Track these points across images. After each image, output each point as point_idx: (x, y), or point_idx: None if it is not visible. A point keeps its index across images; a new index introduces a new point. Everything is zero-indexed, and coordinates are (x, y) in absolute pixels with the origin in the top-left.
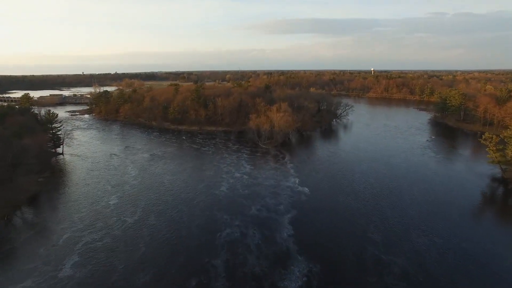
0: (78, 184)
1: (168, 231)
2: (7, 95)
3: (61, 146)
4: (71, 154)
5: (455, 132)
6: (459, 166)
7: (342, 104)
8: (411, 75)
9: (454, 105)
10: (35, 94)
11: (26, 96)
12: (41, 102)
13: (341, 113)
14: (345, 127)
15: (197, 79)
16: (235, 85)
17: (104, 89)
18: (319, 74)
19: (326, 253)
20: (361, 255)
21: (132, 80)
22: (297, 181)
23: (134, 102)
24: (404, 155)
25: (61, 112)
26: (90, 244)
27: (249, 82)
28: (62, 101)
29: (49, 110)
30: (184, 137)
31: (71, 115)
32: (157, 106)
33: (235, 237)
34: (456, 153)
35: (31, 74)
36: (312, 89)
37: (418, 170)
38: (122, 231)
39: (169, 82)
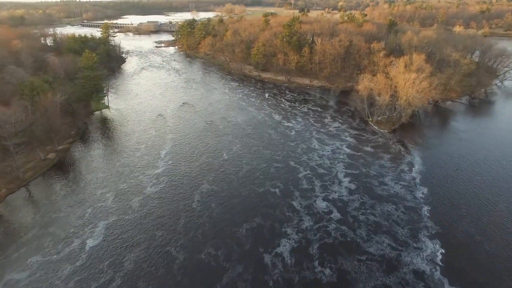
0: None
1: None
2: (120, 21)
3: (106, 98)
4: (118, 110)
5: None
6: None
7: (505, 55)
8: None
9: None
10: (141, 19)
11: (106, 26)
12: (139, 29)
13: (503, 70)
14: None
15: (304, 7)
16: (344, 18)
17: (203, 16)
18: (461, 3)
19: None
20: None
21: (235, 5)
22: (427, 210)
23: (217, 36)
24: None
25: (149, 42)
26: None
27: (365, 14)
28: (158, 29)
29: (90, 52)
30: (266, 94)
31: (156, 47)
32: (239, 44)
33: None
34: None
35: None
36: (458, 27)
37: None
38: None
39: (273, 9)
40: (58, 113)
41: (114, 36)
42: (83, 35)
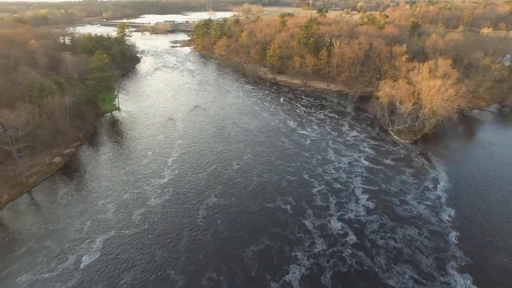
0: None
1: None
2: (138, 20)
3: (116, 99)
4: (128, 112)
5: None
6: None
7: None
8: None
9: None
10: (158, 19)
11: (122, 25)
12: (156, 29)
13: None
14: None
15: (322, 7)
16: (364, 20)
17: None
18: (489, 3)
19: None
20: None
21: (252, 5)
22: (455, 237)
23: (232, 37)
24: None
25: (165, 42)
26: None
27: (387, 16)
28: (175, 28)
29: (102, 53)
30: (281, 98)
31: (171, 46)
32: (254, 45)
33: None
34: None
35: None
36: (486, 29)
37: None
38: None
39: (290, 9)
40: (66, 116)
41: (130, 36)
42: (99, 34)
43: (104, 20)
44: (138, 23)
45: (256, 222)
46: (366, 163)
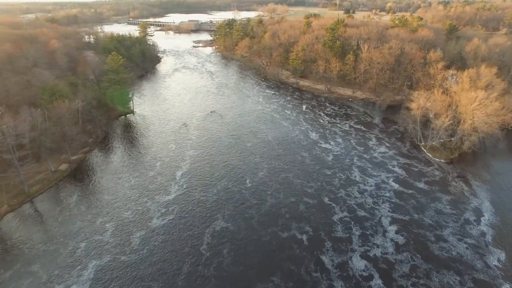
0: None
1: None
2: (163, 19)
3: (131, 102)
4: (142, 116)
5: None
6: None
7: None
8: None
9: None
10: (183, 18)
11: (143, 25)
12: (180, 28)
13: None
14: None
15: (349, 7)
16: (396, 22)
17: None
18: None
19: None
20: None
21: (277, 5)
22: None
23: (255, 38)
24: None
25: (188, 41)
26: None
27: (420, 18)
28: (198, 28)
29: (117, 54)
30: (303, 105)
31: (193, 46)
32: (277, 47)
33: None
34: None
35: None
36: None
37: None
38: None
39: (316, 10)
40: (78, 120)
41: (152, 35)
42: (121, 33)
43: (131, 19)
44: (163, 22)
45: (267, 254)
46: (396, 186)
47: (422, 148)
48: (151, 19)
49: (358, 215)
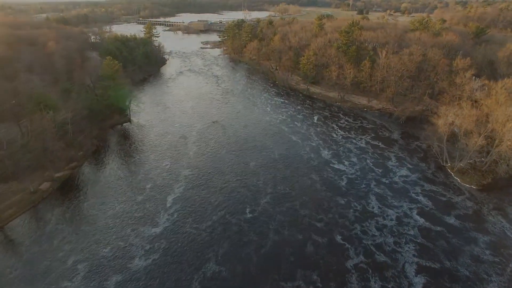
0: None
1: None
2: (173, 19)
3: (128, 111)
4: (139, 126)
5: None
6: None
7: None
8: None
9: None
10: (193, 18)
11: (149, 25)
12: (189, 28)
13: None
14: None
15: (363, 8)
16: (416, 25)
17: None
18: None
19: None
20: None
21: (289, 5)
22: None
23: (264, 40)
24: None
25: (196, 42)
26: None
27: (444, 20)
28: (208, 28)
29: (112, 59)
30: (314, 116)
31: (201, 48)
32: (287, 51)
33: None
34: None
35: None
36: None
37: None
38: None
39: (329, 10)
40: (65, 131)
41: (157, 36)
42: (126, 34)
43: (141, 18)
44: (172, 22)
45: None
46: (421, 220)
47: (449, 170)
48: (161, 19)
49: (377, 261)
